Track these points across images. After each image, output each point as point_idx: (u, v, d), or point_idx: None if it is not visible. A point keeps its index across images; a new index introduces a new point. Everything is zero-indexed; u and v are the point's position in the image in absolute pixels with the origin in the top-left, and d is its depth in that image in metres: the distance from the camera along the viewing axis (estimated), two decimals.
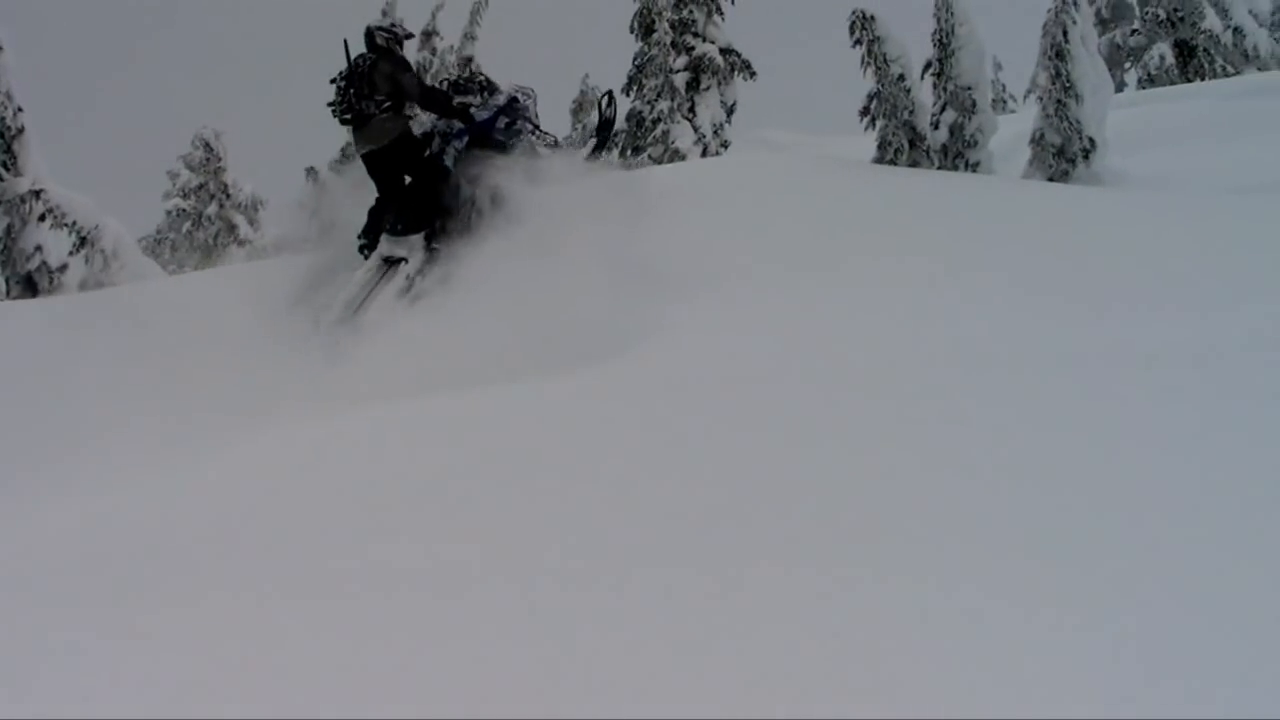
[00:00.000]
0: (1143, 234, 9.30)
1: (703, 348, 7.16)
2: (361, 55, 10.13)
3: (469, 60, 9.99)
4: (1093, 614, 2.97)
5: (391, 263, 9.84)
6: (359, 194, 10.66)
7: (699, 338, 7.39)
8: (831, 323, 7.41)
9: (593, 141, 11.12)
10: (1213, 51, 31.56)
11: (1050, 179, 14.81)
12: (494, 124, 10.34)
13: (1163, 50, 32.34)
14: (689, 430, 5.27)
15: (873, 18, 15.83)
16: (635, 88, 30.32)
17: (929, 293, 7.83)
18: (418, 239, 9.86)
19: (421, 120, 10.18)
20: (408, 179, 10.22)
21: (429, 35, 32.34)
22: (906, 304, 7.58)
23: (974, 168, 15.51)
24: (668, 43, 29.72)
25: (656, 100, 29.09)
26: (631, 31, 30.60)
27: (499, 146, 10.27)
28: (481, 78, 10.78)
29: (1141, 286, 7.47)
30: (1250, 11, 33.29)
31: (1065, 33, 14.86)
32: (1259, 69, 31.40)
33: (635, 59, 30.48)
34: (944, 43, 15.60)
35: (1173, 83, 30.98)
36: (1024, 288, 7.72)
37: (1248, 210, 10.24)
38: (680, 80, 29.13)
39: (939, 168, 15.87)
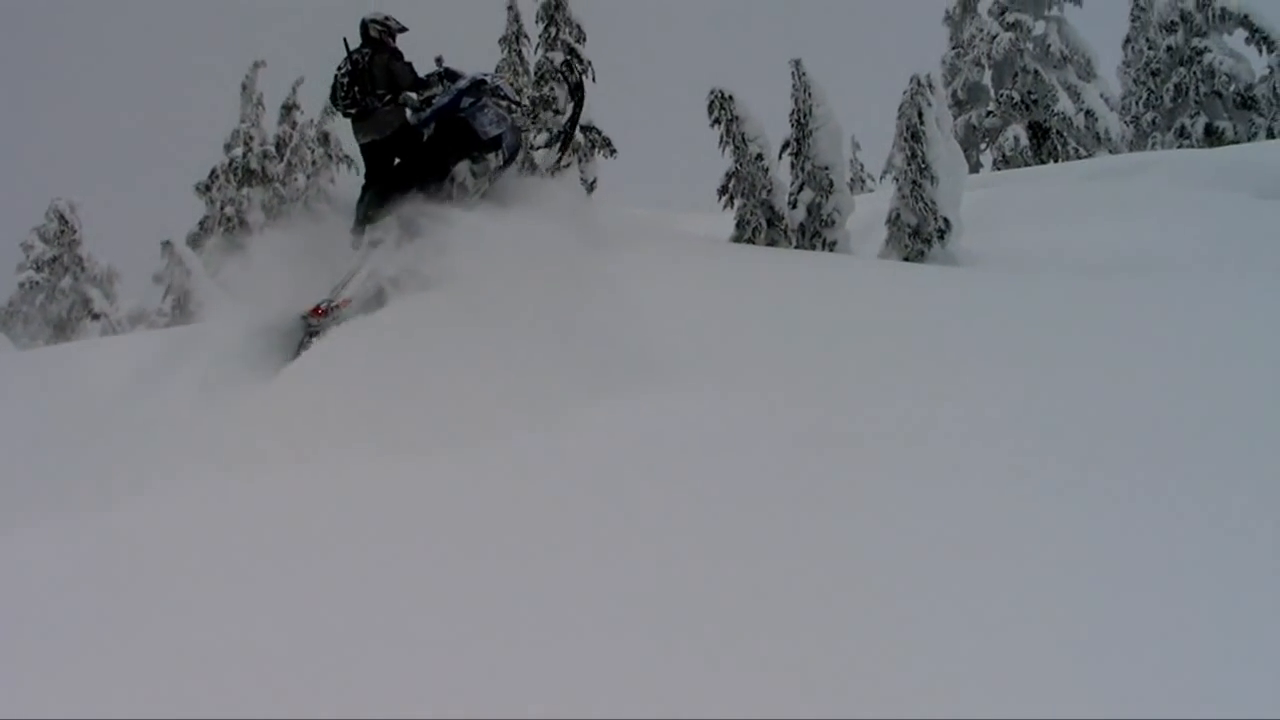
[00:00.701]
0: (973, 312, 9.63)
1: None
2: (359, 50, 11.09)
3: (439, 59, 11.24)
4: None
5: (375, 245, 10.56)
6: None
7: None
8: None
9: (570, 106, 12.01)
10: (1066, 134, 32.48)
11: (906, 259, 14.98)
12: (457, 104, 11.27)
13: (1017, 132, 33.20)
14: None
15: (730, 97, 15.94)
16: None
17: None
18: (392, 220, 10.58)
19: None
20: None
21: (289, 109, 32.05)
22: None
23: (831, 247, 15.63)
24: (529, 120, 29.83)
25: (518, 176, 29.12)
26: None
27: (464, 124, 11.27)
28: (441, 69, 11.63)
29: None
30: (1102, 95, 34.39)
31: (920, 115, 15.09)
32: (1110, 151, 32.40)
33: None
34: (802, 123, 15.76)
35: (1027, 164, 31.79)
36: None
37: (1086, 290, 10.55)
38: (541, 157, 29.21)
39: (796, 246, 15.96)
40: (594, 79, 30.05)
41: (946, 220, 15.06)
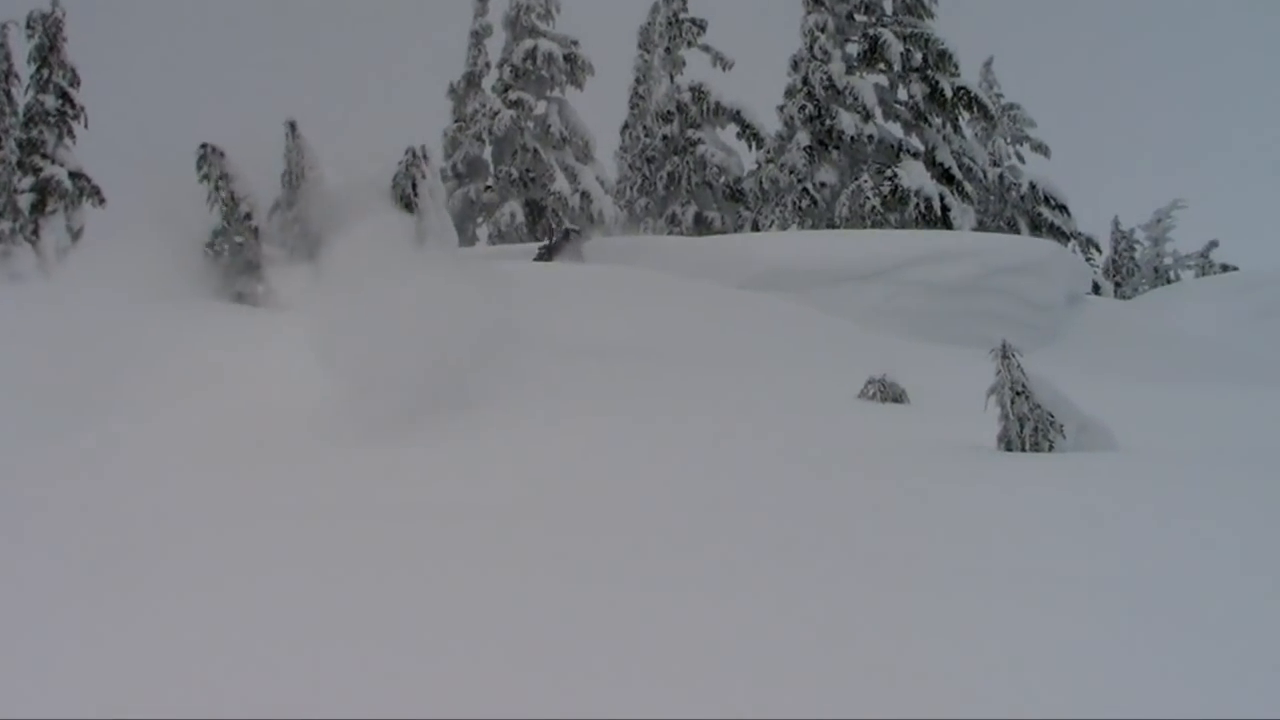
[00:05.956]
0: None
1: None
2: None
3: None
4: None
5: None
6: None
7: None
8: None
9: None
10: (561, 213, 34.42)
11: None
12: None
13: (514, 208, 34.86)
14: None
15: (222, 153, 16.27)
16: None
17: None
18: None
19: None
20: None
21: None
22: None
23: None
24: (14, 162, 28.91)
25: None
26: None
27: None
28: None
29: None
30: (598, 178, 36.69)
31: (415, 185, 15.99)
32: (604, 233, 34.63)
33: None
34: (293, 185, 16.34)
35: (522, 240, 33.47)
36: None
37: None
38: (25, 201, 28.38)
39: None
40: (86, 125, 29.62)
41: None
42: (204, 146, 16.09)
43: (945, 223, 32.47)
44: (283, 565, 5.25)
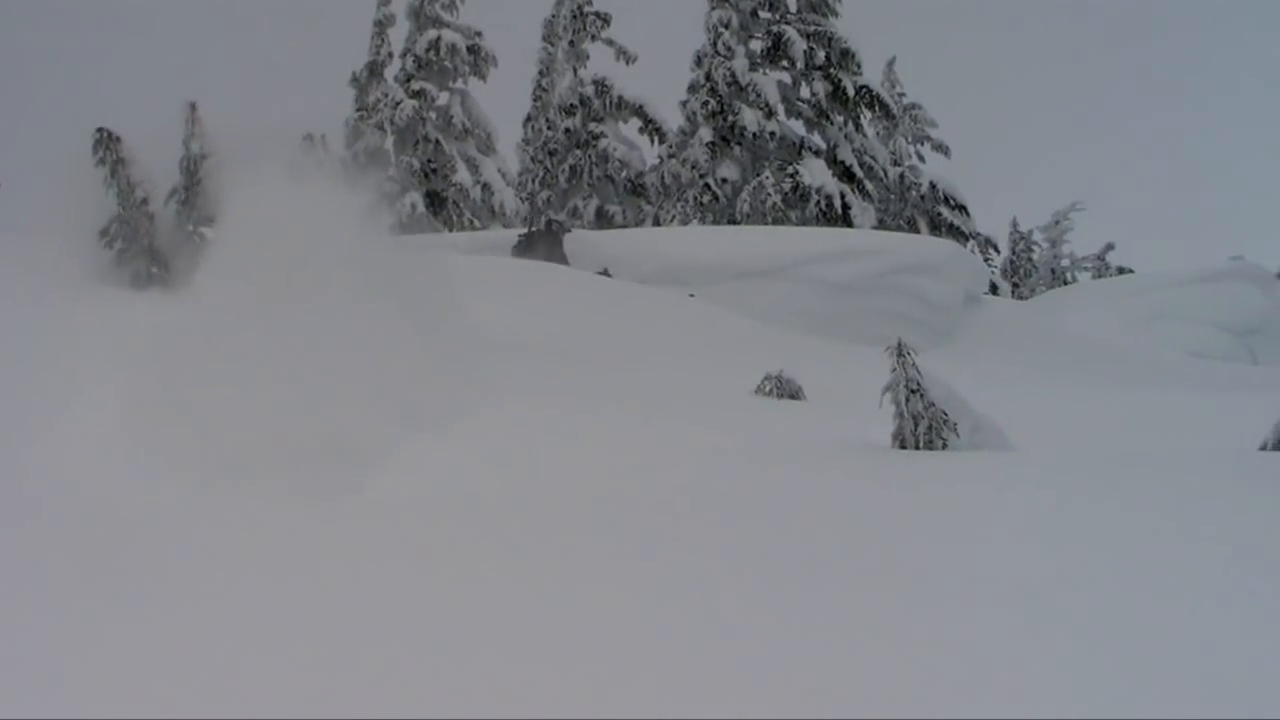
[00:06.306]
0: None
1: None
2: None
3: None
4: None
5: None
6: None
7: None
8: None
9: None
10: (462, 205, 34.36)
11: None
12: None
13: (415, 199, 34.68)
14: None
15: (119, 139, 16.05)
16: None
17: None
18: None
19: None
20: None
21: None
22: None
23: None
24: None
25: None
26: None
27: None
28: None
29: None
30: (500, 170, 36.62)
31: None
32: (504, 225, 34.63)
33: None
34: (192, 171, 16.14)
35: (424, 231, 33.31)
36: None
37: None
38: None
39: None
40: None
41: None
42: (100, 130, 15.86)
43: (846, 221, 32.82)
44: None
